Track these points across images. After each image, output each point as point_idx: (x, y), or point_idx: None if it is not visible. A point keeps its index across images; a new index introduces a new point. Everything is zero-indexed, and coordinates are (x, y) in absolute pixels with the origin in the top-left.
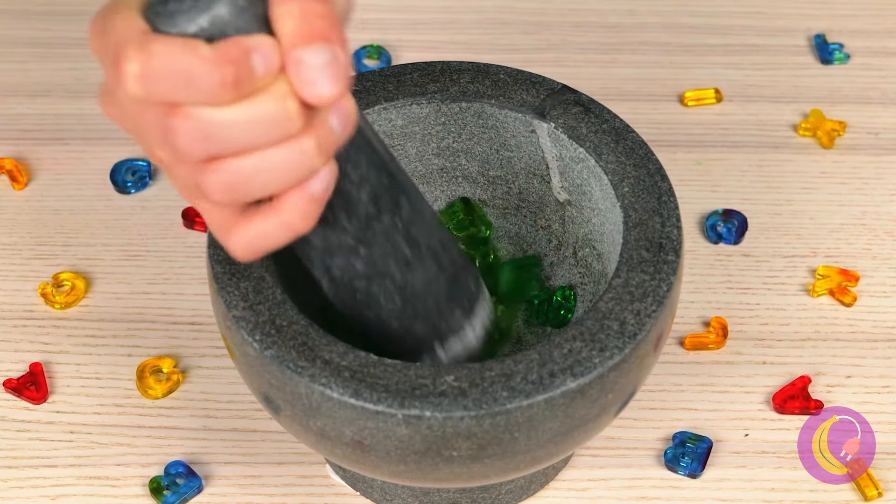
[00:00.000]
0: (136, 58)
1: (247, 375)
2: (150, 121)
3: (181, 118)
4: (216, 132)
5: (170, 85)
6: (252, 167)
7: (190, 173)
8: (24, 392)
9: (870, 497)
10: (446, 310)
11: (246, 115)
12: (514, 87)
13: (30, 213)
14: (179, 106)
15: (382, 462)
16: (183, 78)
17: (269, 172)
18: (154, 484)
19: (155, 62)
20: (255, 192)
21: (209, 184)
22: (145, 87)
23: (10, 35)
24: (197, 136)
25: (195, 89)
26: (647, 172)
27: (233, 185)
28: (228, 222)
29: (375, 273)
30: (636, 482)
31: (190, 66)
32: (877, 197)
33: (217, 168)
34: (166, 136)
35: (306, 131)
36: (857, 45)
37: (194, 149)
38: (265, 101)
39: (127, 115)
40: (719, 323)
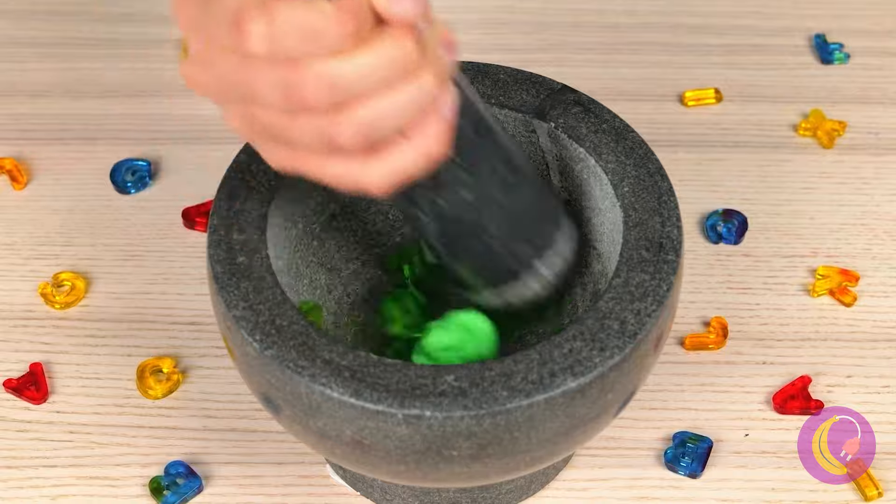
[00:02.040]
0: (260, 18)
1: (247, 375)
2: (267, 80)
3: (307, 71)
4: (342, 80)
5: (296, 41)
6: (380, 108)
7: (315, 125)
8: (24, 392)
9: (870, 497)
10: (542, 225)
11: (368, 60)
12: (513, 87)
13: (30, 213)
14: (302, 60)
15: (382, 462)
16: (309, 33)
17: (396, 110)
18: (154, 484)
19: (280, 21)
20: (386, 131)
21: (340, 130)
22: (272, 45)
23: (10, 35)
24: (325, 86)
25: (321, 43)
26: (647, 172)
27: (364, 127)
28: (358, 165)
29: (482, 199)
30: (636, 482)
31: (314, 22)
32: (877, 197)
33: (347, 114)
34: (292, 90)
35: (422, 66)
36: (857, 45)
37: (322, 99)
38: (384, 46)
39: (228, 80)
40: (719, 323)
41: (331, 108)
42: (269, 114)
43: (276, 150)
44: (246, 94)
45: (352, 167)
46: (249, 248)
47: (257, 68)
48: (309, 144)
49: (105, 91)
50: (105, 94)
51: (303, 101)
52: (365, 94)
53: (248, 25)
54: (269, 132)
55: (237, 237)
